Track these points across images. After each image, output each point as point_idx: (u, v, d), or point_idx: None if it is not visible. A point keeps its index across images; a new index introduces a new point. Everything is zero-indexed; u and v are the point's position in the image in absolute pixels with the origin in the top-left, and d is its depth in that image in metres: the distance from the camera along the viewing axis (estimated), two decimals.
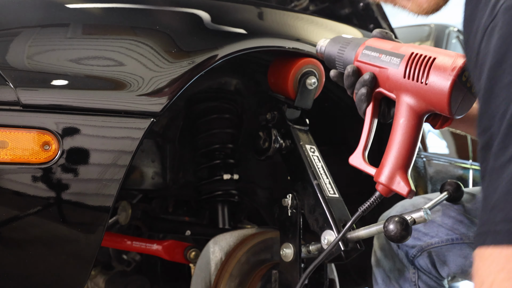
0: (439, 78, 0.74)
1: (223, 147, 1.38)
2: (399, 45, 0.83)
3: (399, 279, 1.07)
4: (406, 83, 0.78)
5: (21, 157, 0.77)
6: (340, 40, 0.92)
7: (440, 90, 0.74)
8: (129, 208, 1.42)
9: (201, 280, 1.17)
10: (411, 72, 0.77)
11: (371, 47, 0.85)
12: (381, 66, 0.82)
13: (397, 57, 0.80)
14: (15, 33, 0.82)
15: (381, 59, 0.82)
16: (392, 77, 0.80)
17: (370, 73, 0.83)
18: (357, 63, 0.86)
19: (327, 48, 0.93)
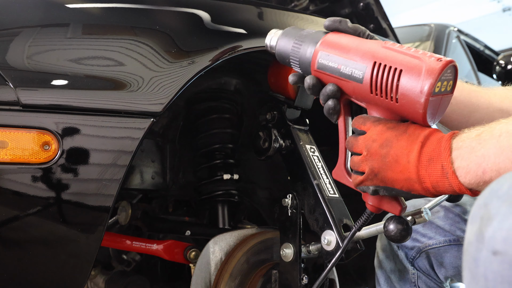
0: (410, 93, 0.67)
1: (223, 147, 1.38)
2: (361, 46, 0.74)
3: (399, 280, 1.08)
4: (375, 98, 0.72)
5: (21, 157, 0.77)
6: (294, 35, 0.82)
7: (413, 109, 0.68)
8: (129, 208, 1.42)
9: (201, 280, 1.17)
10: (377, 87, 0.70)
11: (328, 54, 0.76)
12: (343, 79, 0.74)
13: (359, 70, 0.72)
14: (15, 33, 0.82)
15: (341, 71, 0.74)
16: (358, 90, 0.73)
17: (332, 84, 0.76)
18: (315, 73, 0.78)
19: (280, 43, 0.84)
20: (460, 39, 2.81)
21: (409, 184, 0.68)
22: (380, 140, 0.71)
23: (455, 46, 2.65)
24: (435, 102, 0.69)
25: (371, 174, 0.72)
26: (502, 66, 2.65)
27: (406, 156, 0.68)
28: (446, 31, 2.63)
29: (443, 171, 0.64)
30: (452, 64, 0.68)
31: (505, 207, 0.45)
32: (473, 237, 0.48)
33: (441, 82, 0.68)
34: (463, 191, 0.64)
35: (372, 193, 0.75)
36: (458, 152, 0.63)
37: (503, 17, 9.17)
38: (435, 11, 8.98)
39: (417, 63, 0.67)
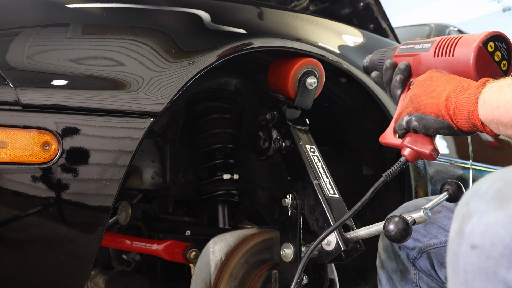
0: (464, 49, 0.79)
1: (223, 147, 1.38)
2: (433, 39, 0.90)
3: (401, 280, 1.08)
4: (436, 60, 0.84)
5: (21, 157, 0.76)
6: (381, 50, 1.02)
7: (466, 58, 0.78)
8: (129, 208, 1.42)
9: (201, 280, 1.17)
10: (439, 51, 0.83)
11: (407, 43, 0.94)
12: (414, 54, 0.89)
13: (428, 43, 0.87)
14: (15, 33, 0.82)
15: (415, 48, 0.90)
16: (424, 59, 0.86)
17: (404, 62, 0.91)
18: (394, 58, 0.94)
19: (370, 58, 1.03)
20: None
21: (437, 109, 0.76)
22: (427, 76, 0.82)
23: None
24: (486, 62, 0.78)
25: (408, 102, 0.82)
26: None
27: (444, 86, 0.77)
28: (446, 31, 2.63)
29: (469, 99, 0.71)
30: (503, 36, 0.79)
31: (484, 205, 0.48)
32: (455, 234, 0.51)
33: (495, 46, 0.78)
34: (476, 119, 0.70)
35: (405, 124, 0.83)
36: (489, 88, 0.70)
37: (503, 17, 9.17)
38: (435, 11, 8.98)
39: (478, 33, 0.79)
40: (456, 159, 1.78)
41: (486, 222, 0.47)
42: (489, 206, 0.48)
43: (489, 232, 0.46)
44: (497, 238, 0.46)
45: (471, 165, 1.92)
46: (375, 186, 0.88)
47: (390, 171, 0.87)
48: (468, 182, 1.93)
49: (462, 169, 1.77)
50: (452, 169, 1.64)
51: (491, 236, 0.46)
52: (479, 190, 0.50)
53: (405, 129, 0.85)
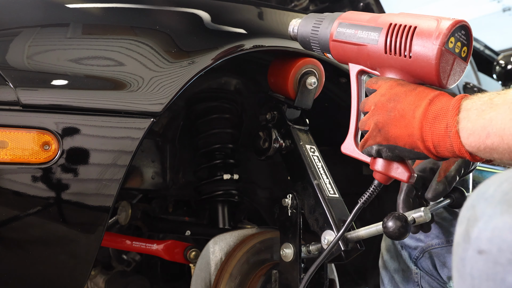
0: (423, 48, 0.68)
1: (223, 147, 1.38)
2: (376, 16, 0.77)
3: (403, 280, 1.08)
4: (389, 58, 0.72)
5: (21, 157, 0.76)
6: (313, 18, 0.86)
7: (426, 62, 0.68)
8: (129, 208, 1.42)
9: (201, 280, 1.17)
10: (391, 46, 0.71)
11: (346, 24, 0.79)
12: (359, 43, 0.76)
13: (375, 31, 0.74)
14: (15, 33, 0.82)
15: (357, 35, 0.76)
16: (373, 53, 0.74)
17: None
18: (332, 43, 0.81)
19: (300, 29, 0.88)
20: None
21: (412, 140, 0.67)
22: (389, 95, 0.71)
23: None
24: (449, 59, 0.69)
25: (375, 129, 0.72)
26: (502, 66, 2.64)
27: (412, 111, 0.67)
28: None
29: (447, 130, 0.63)
30: (464, 24, 0.69)
31: (490, 208, 0.47)
32: (461, 238, 0.49)
33: (455, 39, 0.68)
34: (463, 153, 0.63)
35: (375, 154, 0.74)
36: (466, 113, 0.62)
37: (503, 17, 9.17)
38: (435, 11, 8.98)
39: (430, 20, 0.69)
40: None
41: (493, 227, 0.46)
42: (496, 210, 0.46)
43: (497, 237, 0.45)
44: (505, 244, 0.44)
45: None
46: (354, 212, 0.85)
47: (366, 198, 0.82)
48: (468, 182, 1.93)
49: None
50: None
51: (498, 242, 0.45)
52: (486, 193, 0.49)
53: (376, 156, 0.76)
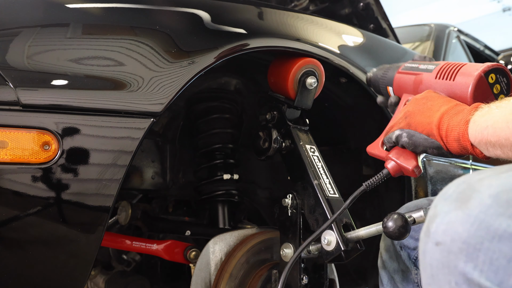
0: (465, 76, 0.81)
1: (223, 147, 1.38)
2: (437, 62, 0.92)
3: (403, 280, 1.08)
4: (436, 82, 0.86)
5: (21, 157, 0.76)
6: (386, 65, 1.04)
7: (465, 84, 0.80)
8: (129, 208, 1.42)
9: (201, 280, 1.17)
10: (442, 74, 0.85)
11: (413, 62, 0.97)
12: (417, 73, 0.92)
13: (433, 65, 0.90)
14: (15, 33, 0.82)
15: (419, 67, 0.94)
16: (425, 80, 0.89)
17: (396, 97, 0.97)
18: (398, 75, 0.98)
19: (374, 72, 1.06)
20: (460, 39, 2.81)
21: (430, 128, 0.78)
22: (424, 95, 0.85)
23: (455, 46, 2.64)
24: (484, 91, 0.79)
25: (402, 117, 0.84)
26: None
27: (439, 106, 0.79)
28: (446, 31, 2.62)
29: (460, 121, 0.73)
30: (505, 71, 0.81)
31: (447, 205, 0.53)
32: (423, 233, 0.56)
33: (496, 79, 0.80)
34: (466, 142, 0.72)
35: (395, 139, 0.84)
36: (480, 111, 0.71)
37: (503, 17, 9.17)
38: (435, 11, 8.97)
39: (480, 64, 0.82)
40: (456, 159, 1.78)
41: (448, 221, 0.52)
42: (451, 207, 0.52)
43: (450, 230, 0.51)
44: (457, 235, 0.50)
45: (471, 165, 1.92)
46: (354, 195, 0.90)
47: (370, 181, 0.89)
48: None
49: (462, 169, 1.77)
50: (452, 169, 1.64)
51: (451, 233, 0.51)
52: (446, 193, 0.55)
53: (394, 143, 0.87)
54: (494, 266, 0.48)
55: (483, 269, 0.48)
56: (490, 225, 0.48)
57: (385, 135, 0.89)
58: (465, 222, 0.50)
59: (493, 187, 0.51)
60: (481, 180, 0.53)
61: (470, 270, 0.49)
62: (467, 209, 0.51)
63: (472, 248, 0.49)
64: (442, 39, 2.54)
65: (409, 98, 0.95)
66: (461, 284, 0.50)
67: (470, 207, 0.50)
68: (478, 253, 0.49)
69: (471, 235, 0.49)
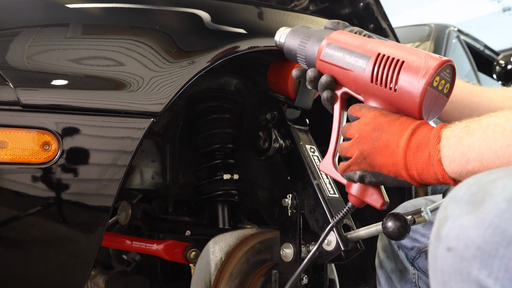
0: (409, 84, 0.70)
1: (223, 147, 1.38)
2: (365, 42, 0.78)
3: (400, 280, 1.08)
4: (374, 88, 0.74)
5: (21, 157, 0.77)
6: (302, 32, 0.87)
7: (410, 98, 0.70)
8: (129, 208, 1.42)
9: (201, 280, 1.17)
10: (378, 77, 0.73)
11: (334, 45, 0.80)
12: (345, 68, 0.78)
13: (363, 59, 0.75)
14: (15, 33, 0.82)
15: (345, 60, 0.78)
16: (359, 80, 0.76)
17: (328, 75, 0.81)
18: (319, 62, 0.82)
19: (288, 40, 0.88)
20: (460, 39, 2.81)
21: (396, 169, 0.70)
22: (373, 125, 0.73)
23: (455, 46, 2.65)
24: (432, 96, 0.71)
25: (360, 157, 0.75)
26: (502, 66, 2.65)
27: (396, 141, 0.70)
28: (446, 31, 2.63)
29: (430, 158, 0.66)
30: (450, 64, 0.72)
31: (458, 208, 0.51)
32: (433, 237, 0.53)
33: (440, 78, 0.70)
34: (447, 180, 0.66)
35: (358, 179, 0.76)
36: (446, 141, 0.65)
37: (503, 17, 9.18)
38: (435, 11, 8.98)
39: (418, 57, 0.71)
40: None
41: (460, 225, 0.49)
42: (463, 210, 0.50)
43: (463, 235, 0.49)
44: (470, 240, 0.48)
45: None
46: (326, 231, 0.88)
47: (339, 218, 0.86)
48: None
49: None
50: None
51: (464, 238, 0.48)
52: (456, 195, 0.52)
53: (358, 181, 0.79)
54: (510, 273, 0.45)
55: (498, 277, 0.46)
56: (505, 231, 0.46)
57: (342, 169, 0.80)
58: (478, 227, 0.48)
59: (507, 190, 0.48)
60: (494, 181, 0.50)
61: (484, 278, 0.47)
62: (480, 213, 0.48)
63: (486, 255, 0.47)
64: (442, 39, 2.54)
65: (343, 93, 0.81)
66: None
67: (484, 211, 0.48)
68: (492, 260, 0.46)
69: (486, 241, 0.47)
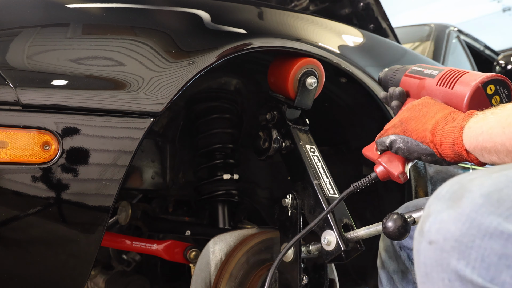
0: (463, 85, 0.80)
1: (223, 147, 1.38)
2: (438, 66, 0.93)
3: (402, 280, 1.08)
4: (437, 89, 0.86)
5: (21, 157, 0.76)
6: (396, 66, 1.05)
7: (462, 94, 0.80)
8: (129, 208, 1.42)
9: (201, 280, 1.17)
10: (443, 81, 0.85)
11: (420, 65, 0.97)
12: (421, 77, 0.92)
13: (437, 71, 0.90)
14: (15, 33, 0.82)
15: (424, 72, 0.93)
16: (427, 85, 0.89)
17: (399, 88, 0.96)
18: (404, 78, 0.98)
19: (385, 72, 1.06)
20: (460, 39, 2.81)
21: (423, 134, 0.78)
22: (421, 102, 0.85)
23: (455, 46, 2.65)
24: (481, 101, 0.79)
25: (398, 122, 0.85)
26: (502, 66, 2.65)
27: (434, 113, 0.79)
28: (446, 31, 2.62)
29: (455, 128, 0.73)
30: (507, 82, 0.80)
31: (440, 205, 0.54)
32: (417, 233, 0.57)
33: (495, 89, 0.79)
34: (460, 149, 0.71)
35: (388, 143, 0.85)
36: (474, 117, 0.72)
37: (503, 17, 9.17)
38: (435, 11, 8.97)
39: (485, 74, 0.81)
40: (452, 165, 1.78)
41: (440, 220, 0.53)
42: (444, 206, 0.54)
43: (443, 229, 0.52)
44: (449, 233, 0.51)
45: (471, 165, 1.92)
46: (342, 195, 0.92)
47: (358, 183, 0.92)
48: None
49: (462, 169, 1.77)
50: (452, 169, 1.63)
51: (444, 232, 0.52)
52: (439, 194, 0.56)
53: (387, 147, 0.88)
54: (486, 263, 0.49)
55: (475, 266, 0.49)
56: (481, 224, 0.50)
57: (380, 134, 0.90)
58: (457, 221, 0.51)
59: (484, 186, 0.52)
60: (473, 180, 0.54)
61: (462, 268, 0.50)
62: (459, 208, 0.52)
63: (464, 246, 0.50)
64: (442, 39, 2.54)
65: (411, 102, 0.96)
66: (454, 281, 0.51)
67: (462, 206, 0.52)
68: (470, 251, 0.50)
69: (463, 233, 0.50)
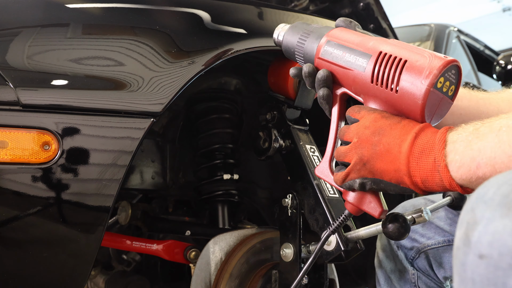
0: (411, 86, 0.66)
1: (223, 147, 1.38)
2: (367, 39, 0.73)
3: (399, 280, 1.08)
4: (374, 88, 0.70)
5: (21, 157, 0.77)
6: (301, 29, 0.82)
7: (412, 101, 0.66)
8: (129, 208, 1.42)
9: (201, 280, 1.17)
10: (379, 77, 0.69)
11: (334, 43, 0.75)
12: (345, 67, 0.73)
13: (363, 58, 0.71)
14: (15, 33, 0.82)
15: (345, 58, 0.73)
16: (358, 80, 0.72)
17: (325, 70, 0.75)
18: (318, 61, 0.77)
19: (286, 37, 0.84)
20: (460, 39, 2.81)
21: (398, 176, 0.66)
22: (373, 128, 0.69)
23: (455, 46, 2.65)
24: (435, 99, 0.67)
25: (359, 163, 0.70)
26: (502, 66, 2.65)
27: (398, 146, 0.65)
28: (446, 31, 2.63)
29: (435, 164, 0.62)
30: (456, 64, 0.68)
31: (490, 211, 0.46)
32: (461, 242, 0.49)
33: (444, 79, 0.66)
34: (454, 187, 0.62)
35: (358, 186, 0.71)
36: (453, 145, 0.61)
37: (503, 17, 9.18)
38: (435, 11, 8.98)
39: (422, 56, 0.67)
40: None
41: (493, 231, 0.45)
42: (496, 213, 0.45)
43: (497, 242, 0.44)
44: (506, 248, 0.44)
45: None
46: (322, 240, 0.82)
47: (335, 226, 0.80)
48: None
49: None
50: None
51: (499, 246, 0.44)
52: (485, 196, 0.48)
53: (359, 189, 0.73)
54: None
55: None
56: None
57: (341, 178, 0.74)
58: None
59: None
60: None
61: None
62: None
63: None
64: (442, 39, 2.54)
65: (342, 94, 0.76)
66: None
67: None
68: None
69: None
